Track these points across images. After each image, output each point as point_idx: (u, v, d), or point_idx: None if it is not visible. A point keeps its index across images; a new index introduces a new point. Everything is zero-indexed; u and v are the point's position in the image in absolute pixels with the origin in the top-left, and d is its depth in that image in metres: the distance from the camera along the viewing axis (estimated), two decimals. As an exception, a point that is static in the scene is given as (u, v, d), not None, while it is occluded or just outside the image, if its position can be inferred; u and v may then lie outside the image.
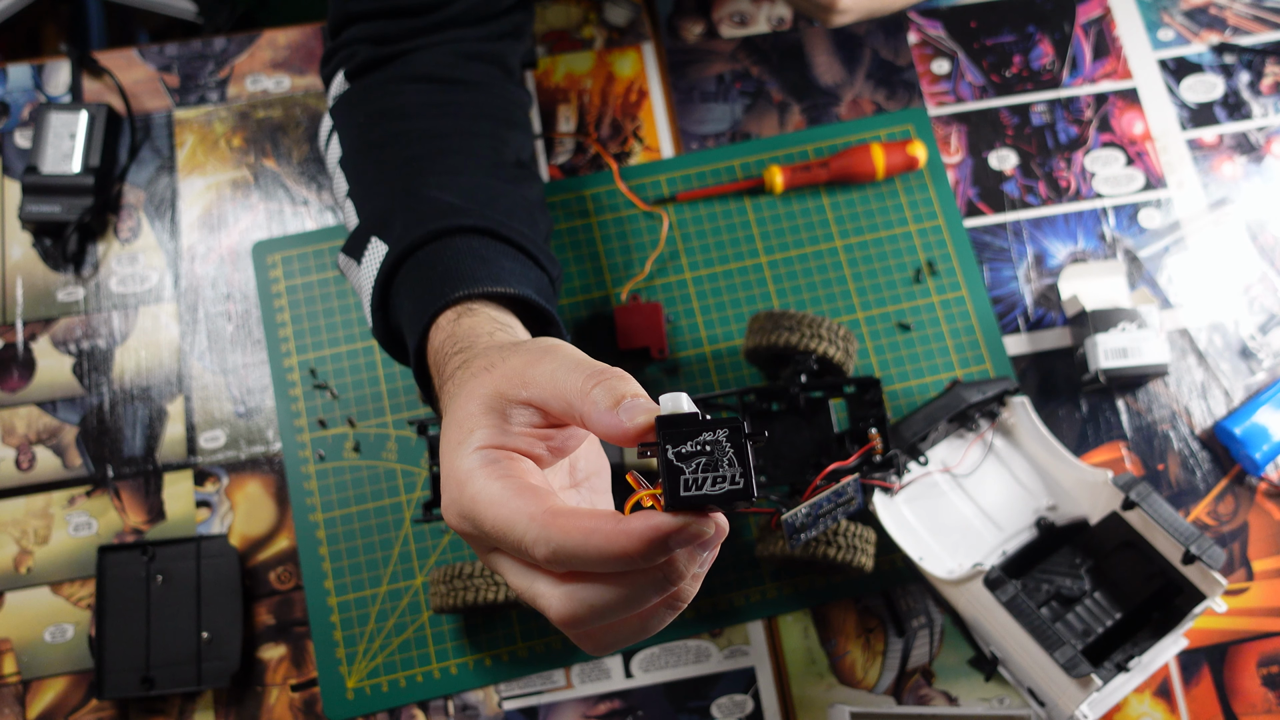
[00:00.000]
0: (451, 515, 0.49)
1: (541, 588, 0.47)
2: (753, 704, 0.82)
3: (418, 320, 0.64)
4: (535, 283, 0.69)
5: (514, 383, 0.49)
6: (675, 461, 0.44)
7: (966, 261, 0.93)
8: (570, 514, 0.44)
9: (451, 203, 0.70)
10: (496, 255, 0.68)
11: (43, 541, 0.86)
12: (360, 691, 0.82)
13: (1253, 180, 0.96)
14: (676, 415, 0.44)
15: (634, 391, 0.46)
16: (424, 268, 0.67)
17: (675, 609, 0.47)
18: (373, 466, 0.87)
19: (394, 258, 0.68)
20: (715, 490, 0.43)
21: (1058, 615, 0.79)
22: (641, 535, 0.43)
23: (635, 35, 1.01)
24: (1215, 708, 0.83)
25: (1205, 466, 0.88)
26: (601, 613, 0.46)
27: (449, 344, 0.60)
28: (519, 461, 0.48)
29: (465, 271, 0.65)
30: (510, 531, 0.46)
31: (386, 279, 0.69)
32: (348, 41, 0.79)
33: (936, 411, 0.80)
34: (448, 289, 0.64)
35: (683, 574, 0.45)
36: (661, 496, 0.44)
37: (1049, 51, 1.00)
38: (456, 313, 0.63)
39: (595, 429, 0.46)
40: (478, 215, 0.69)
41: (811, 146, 0.96)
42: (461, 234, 0.68)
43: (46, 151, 0.93)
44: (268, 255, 0.93)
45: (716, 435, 0.44)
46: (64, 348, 0.90)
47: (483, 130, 0.77)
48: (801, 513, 0.72)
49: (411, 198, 0.71)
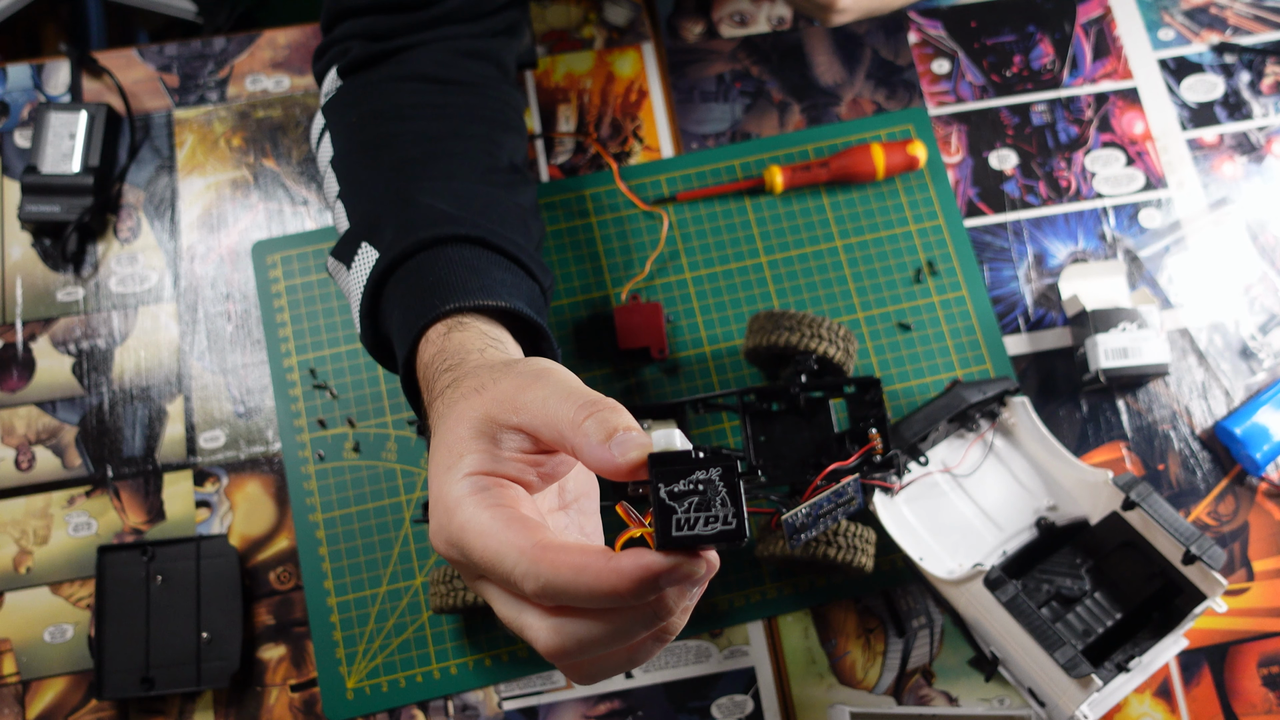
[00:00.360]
0: (439, 541, 0.49)
1: (529, 619, 0.47)
2: (753, 704, 0.82)
3: (407, 332, 0.63)
4: (527, 294, 0.68)
5: (505, 407, 0.49)
6: (667, 500, 0.43)
7: (967, 261, 0.93)
8: (560, 549, 0.44)
9: (444, 210, 0.69)
10: (488, 266, 0.67)
11: (42, 541, 0.86)
12: (360, 691, 0.82)
13: (1253, 180, 0.96)
14: (669, 453, 0.44)
15: (626, 424, 0.45)
16: (414, 277, 0.66)
17: (663, 641, 0.47)
18: (373, 466, 0.87)
19: (384, 265, 0.67)
20: (708, 530, 0.43)
21: (1058, 615, 0.79)
22: (632, 575, 0.42)
23: (635, 35, 1.01)
24: (1215, 708, 0.83)
25: (1205, 466, 0.88)
26: (589, 646, 0.46)
27: (439, 359, 0.59)
28: (509, 489, 0.48)
29: (456, 283, 0.64)
30: (499, 564, 0.45)
31: (376, 286, 0.68)
32: (340, 37, 0.79)
33: (936, 411, 0.80)
34: (438, 301, 0.63)
35: (672, 610, 0.45)
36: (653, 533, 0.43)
37: (1049, 51, 1.00)
38: (447, 326, 0.62)
39: (587, 461, 0.46)
40: (470, 224, 0.69)
41: (811, 146, 0.96)
42: (453, 243, 0.67)
43: (46, 151, 0.93)
44: (267, 255, 0.93)
45: (710, 474, 0.43)
46: (64, 348, 0.90)
47: (477, 133, 0.76)
48: (801, 513, 0.72)
49: (403, 203, 0.70)
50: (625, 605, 0.44)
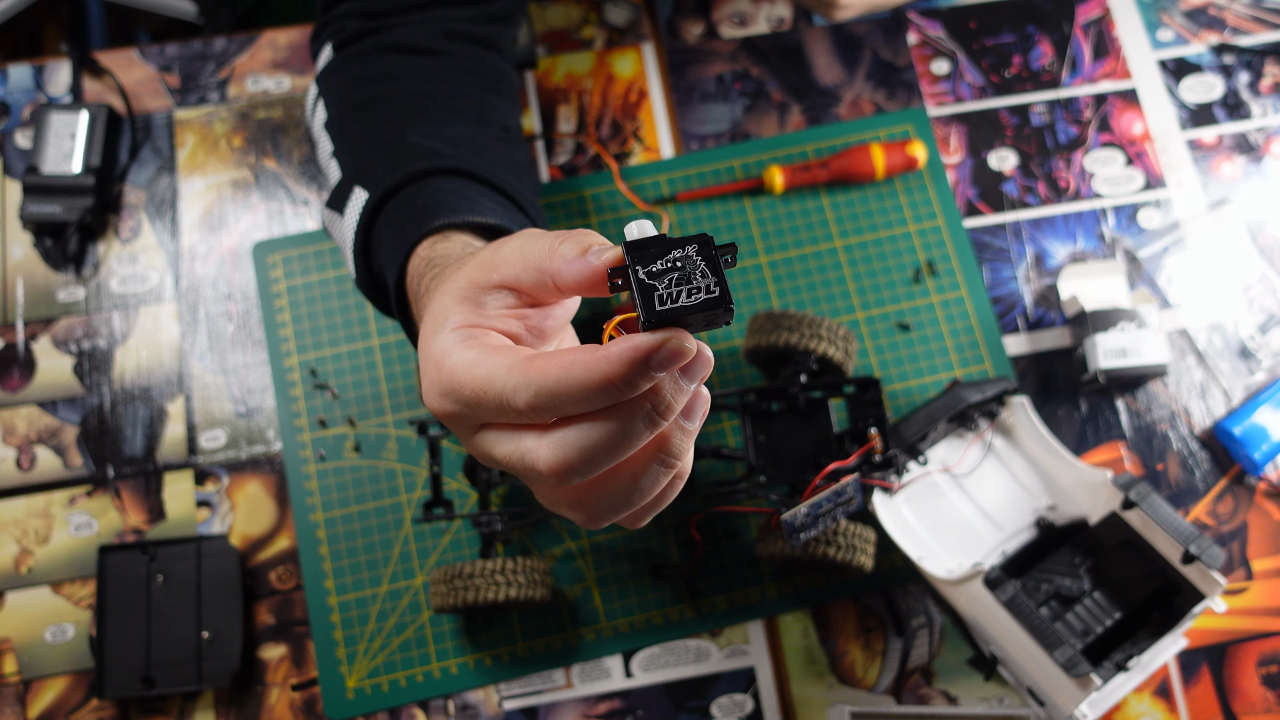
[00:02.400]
0: (432, 397, 0.48)
1: (528, 444, 0.45)
2: (753, 704, 0.83)
3: (398, 253, 0.63)
4: (519, 225, 0.68)
5: (484, 269, 0.49)
6: (647, 280, 0.43)
7: (966, 261, 0.93)
8: (547, 355, 0.44)
9: (435, 148, 0.70)
10: (478, 195, 0.67)
11: (43, 541, 0.86)
12: (360, 691, 0.82)
13: (1252, 180, 0.96)
14: (644, 239, 0.44)
15: (601, 241, 0.46)
16: (404, 206, 0.66)
17: (668, 466, 0.46)
18: (373, 466, 0.87)
19: (375, 201, 0.67)
20: (692, 301, 0.42)
21: (1057, 615, 0.79)
22: (621, 357, 0.42)
23: (635, 35, 1.01)
24: (1215, 707, 0.83)
25: (1204, 466, 0.88)
26: (591, 455, 0.44)
27: (424, 267, 0.59)
28: (495, 335, 0.48)
29: (445, 204, 0.64)
30: (489, 387, 0.45)
31: (368, 223, 0.68)
32: (337, 16, 0.80)
33: (936, 411, 0.80)
34: (428, 219, 0.63)
35: (670, 403, 0.44)
36: (639, 318, 0.43)
37: (1049, 52, 1.00)
38: (433, 240, 0.62)
39: (568, 281, 0.46)
40: (461, 159, 0.69)
41: (811, 147, 0.96)
42: (443, 175, 0.67)
43: (47, 152, 0.93)
44: (268, 255, 0.93)
45: (686, 250, 0.43)
46: (64, 348, 0.91)
47: (469, 94, 0.77)
48: (801, 513, 0.72)
49: (394, 147, 0.70)
50: (621, 397, 0.43)
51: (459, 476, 0.86)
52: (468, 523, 0.85)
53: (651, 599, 0.84)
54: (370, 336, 0.90)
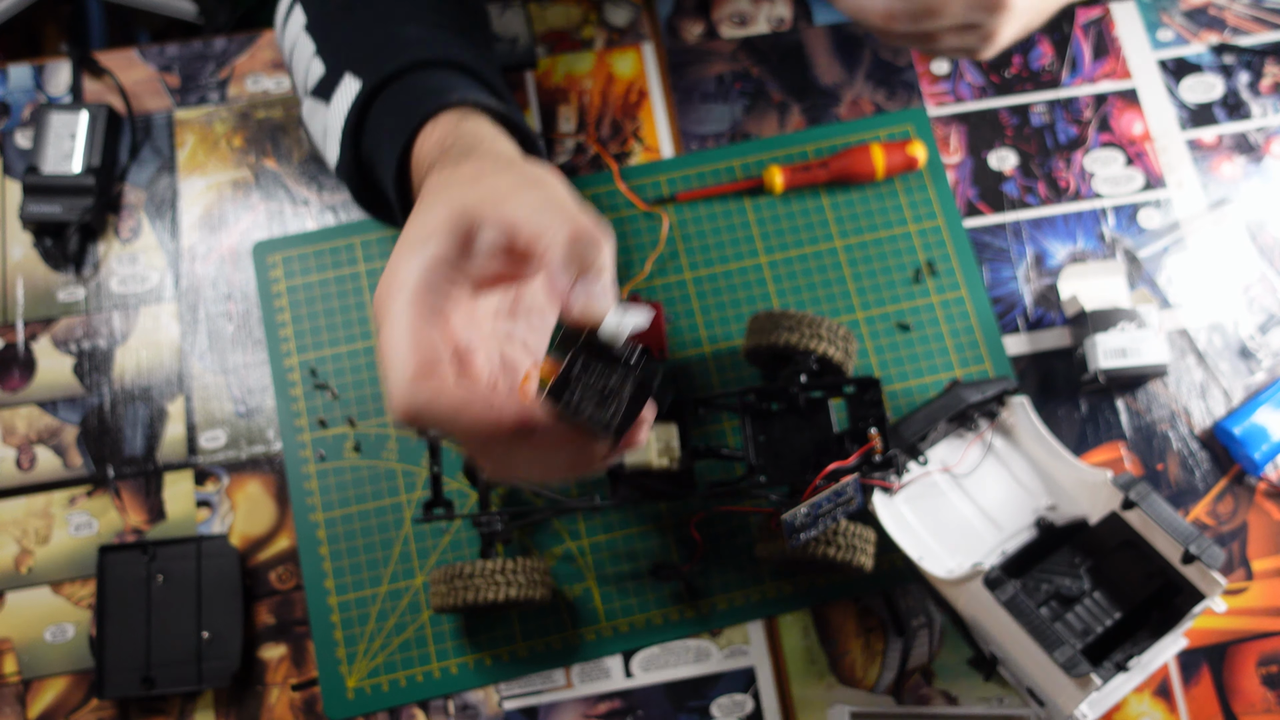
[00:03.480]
0: (376, 296, 0.49)
1: None
2: (753, 704, 0.83)
3: (409, 122, 0.61)
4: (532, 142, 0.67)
5: (493, 199, 0.49)
6: (574, 375, 0.46)
7: (966, 261, 0.93)
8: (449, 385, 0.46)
9: (435, 37, 0.68)
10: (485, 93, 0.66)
11: (43, 541, 0.86)
12: (360, 691, 0.82)
13: (1252, 180, 0.96)
14: (604, 344, 0.46)
15: (601, 267, 0.47)
16: (413, 88, 0.64)
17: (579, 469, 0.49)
18: (373, 466, 0.87)
19: (373, 86, 0.65)
20: (590, 419, 0.46)
21: (1057, 615, 0.79)
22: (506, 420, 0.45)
23: (635, 35, 1.01)
24: (1215, 707, 0.83)
25: (1204, 466, 0.88)
26: None
27: (449, 141, 0.58)
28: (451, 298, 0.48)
29: (463, 86, 0.63)
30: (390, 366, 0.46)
31: (363, 105, 0.66)
32: None
33: (936, 411, 0.80)
34: (449, 93, 0.61)
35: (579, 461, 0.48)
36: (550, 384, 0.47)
37: (1048, 52, 1.00)
38: (459, 114, 0.60)
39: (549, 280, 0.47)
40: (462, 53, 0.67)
41: (811, 147, 0.96)
42: (447, 67, 0.66)
43: (47, 152, 0.93)
44: (268, 255, 0.93)
45: (625, 383, 0.46)
46: (64, 348, 0.91)
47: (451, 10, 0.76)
48: (801, 513, 0.72)
49: (390, 37, 0.69)
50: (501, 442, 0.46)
51: (459, 476, 0.86)
52: (468, 523, 0.85)
53: (651, 599, 0.84)
54: (370, 336, 0.90)
